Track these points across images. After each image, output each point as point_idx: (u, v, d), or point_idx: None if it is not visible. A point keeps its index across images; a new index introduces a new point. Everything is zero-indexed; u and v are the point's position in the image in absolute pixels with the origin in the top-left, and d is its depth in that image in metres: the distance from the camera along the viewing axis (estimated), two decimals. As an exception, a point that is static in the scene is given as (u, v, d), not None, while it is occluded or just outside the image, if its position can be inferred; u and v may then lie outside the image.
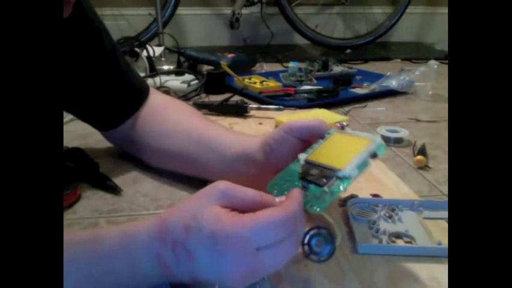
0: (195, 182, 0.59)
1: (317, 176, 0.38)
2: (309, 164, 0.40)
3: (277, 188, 0.40)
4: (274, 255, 0.34)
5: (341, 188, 0.36)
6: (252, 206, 0.35)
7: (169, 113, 0.63)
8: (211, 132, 0.57)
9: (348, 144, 0.41)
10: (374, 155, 0.38)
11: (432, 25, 2.21)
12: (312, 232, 0.36)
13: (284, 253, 0.34)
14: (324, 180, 0.37)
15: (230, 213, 0.34)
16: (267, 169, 0.48)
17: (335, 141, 0.43)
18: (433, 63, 1.12)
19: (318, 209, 0.35)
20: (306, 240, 0.36)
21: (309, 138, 0.45)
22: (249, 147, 0.51)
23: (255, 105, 0.93)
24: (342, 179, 0.36)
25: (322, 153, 0.41)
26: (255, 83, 1.10)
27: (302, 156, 0.41)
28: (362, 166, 0.37)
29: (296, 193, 0.36)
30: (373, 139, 0.39)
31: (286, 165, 0.43)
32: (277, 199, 0.37)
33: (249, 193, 0.36)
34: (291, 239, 0.34)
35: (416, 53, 1.84)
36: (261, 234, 0.33)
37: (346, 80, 1.16)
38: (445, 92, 1.13)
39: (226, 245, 0.33)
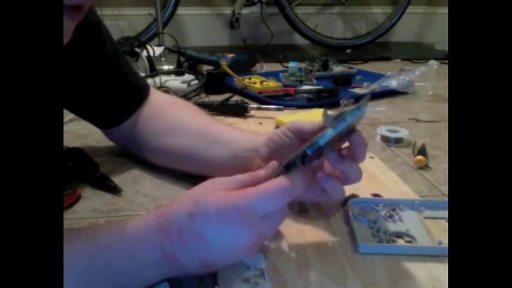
0: (195, 181, 0.59)
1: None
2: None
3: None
4: (275, 221, 0.39)
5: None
6: (248, 182, 0.39)
7: (172, 111, 0.63)
8: (216, 129, 0.58)
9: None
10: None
11: (432, 25, 2.22)
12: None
13: (283, 217, 0.40)
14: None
15: (232, 190, 0.37)
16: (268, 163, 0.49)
17: None
18: (433, 63, 1.12)
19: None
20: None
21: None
22: (256, 141, 0.52)
23: (255, 105, 0.93)
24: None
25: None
26: (255, 83, 1.10)
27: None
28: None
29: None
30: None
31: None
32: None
33: (242, 176, 0.40)
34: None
35: (416, 53, 1.84)
36: (265, 203, 0.37)
37: (346, 80, 1.16)
38: (445, 92, 1.13)
39: (235, 217, 0.35)
